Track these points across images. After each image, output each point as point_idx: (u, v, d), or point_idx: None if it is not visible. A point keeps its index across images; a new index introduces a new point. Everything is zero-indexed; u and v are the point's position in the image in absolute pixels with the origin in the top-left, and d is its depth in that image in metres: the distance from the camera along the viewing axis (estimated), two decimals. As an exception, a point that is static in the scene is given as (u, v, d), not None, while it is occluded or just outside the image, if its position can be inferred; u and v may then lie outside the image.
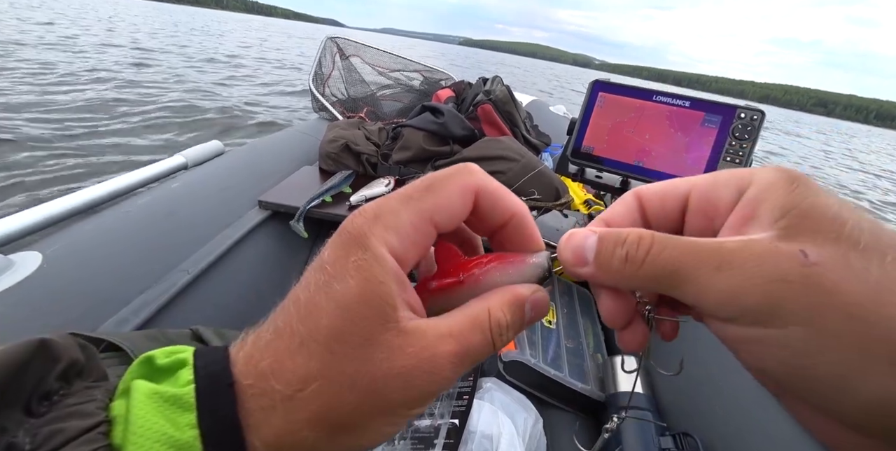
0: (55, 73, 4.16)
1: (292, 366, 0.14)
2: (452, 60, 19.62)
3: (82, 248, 0.57)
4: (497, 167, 0.93)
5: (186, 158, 0.97)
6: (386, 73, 1.92)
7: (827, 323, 0.11)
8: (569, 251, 0.16)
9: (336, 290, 0.14)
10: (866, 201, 5.18)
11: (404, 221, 0.15)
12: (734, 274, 0.12)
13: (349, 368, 0.14)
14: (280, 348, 0.14)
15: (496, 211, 0.17)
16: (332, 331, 0.14)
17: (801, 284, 0.11)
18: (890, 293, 0.11)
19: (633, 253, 0.14)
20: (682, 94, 0.74)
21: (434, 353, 0.14)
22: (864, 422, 0.11)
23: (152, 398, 0.13)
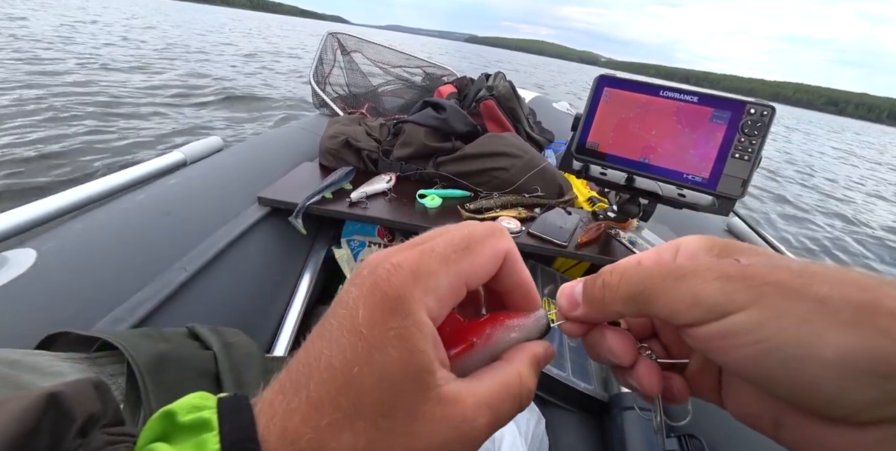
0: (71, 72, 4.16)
1: (336, 445, 0.13)
2: (465, 57, 19.42)
3: (78, 245, 0.56)
4: (500, 164, 0.92)
5: (185, 155, 0.96)
6: (387, 68, 1.90)
7: (769, 301, 0.13)
8: (564, 299, 0.19)
9: (377, 360, 0.14)
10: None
11: (443, 284, 0.15)
12: (691, 281, 0.15)
13: (396, 444, 0.14)
14: (321, 425, 0.13)
15: (512, 278, 0.18)
16: (378, 406, 0.14)
17: (741, 276, 0.14)
18: (810, 275, 0.13)
19: (609, 280, 0.17)
20: (689, 89, 0.72)
21: (472, 425, 0.15)
22: (838, 390, 0.12)
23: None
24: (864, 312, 0.12)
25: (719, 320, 0.14)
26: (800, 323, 0.12)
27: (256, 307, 0.73)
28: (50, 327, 0.37)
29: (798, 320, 0.13)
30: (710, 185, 0.70)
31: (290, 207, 0.79)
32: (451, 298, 0.16)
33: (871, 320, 0.12)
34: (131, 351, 0.35)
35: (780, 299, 0.13)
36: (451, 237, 0.16)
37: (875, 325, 0.12)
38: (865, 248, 3.35)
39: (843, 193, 5.41)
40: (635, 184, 0.78)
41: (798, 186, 5.29)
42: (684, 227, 0.99)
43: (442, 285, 0.15)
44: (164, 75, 4.84)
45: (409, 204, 0.85)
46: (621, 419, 0.64)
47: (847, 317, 0.12)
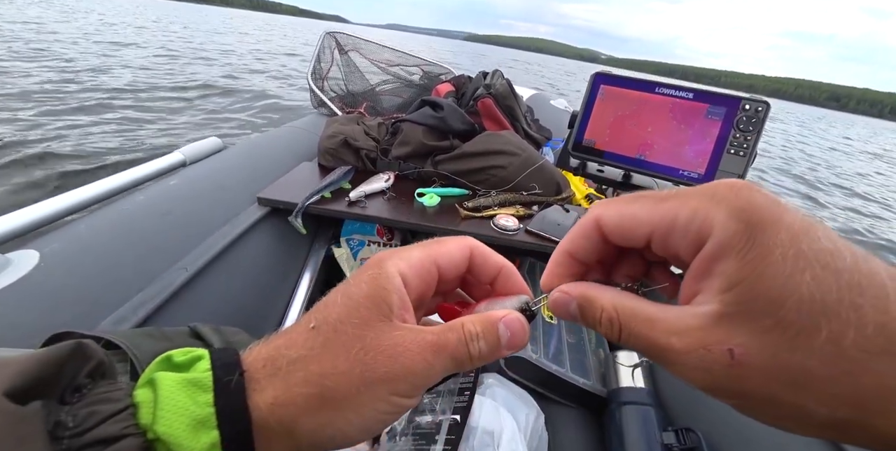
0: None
1: (302, 340, 0.17)
2: (469, 57, 19.12)
3: (80, 246, 0.57)
4: (498, 162, 0.92)
5: (185, 155, 0.96)
6: (385, 67, 1.90)
7: (751, 404, 0.14)
8: (562, 314, 0.19)
9: (350, 291, 0.18)
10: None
11: (415, 255, 0.19)
12: (683, 375, 0.15)
13: (346, 340, 0.17)
14: (293, 331, 0.18)
15: (487, 265, 0.21)
16: (339, 316, 0.17)
17: (727, 383, 0.14)
18: (806, 388, 0.12)
19: (609, 334, 0.17)
20: (685, 85, 0.73)
21: (416, 338, 0.17)
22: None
23: (178, 382, 0.16)
24: (843, 426, 0.13)
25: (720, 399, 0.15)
26: (776, 419, 0.14)
27: (257, 306, 0.73)
28: (53, 327, 0.38)
29: (775, 417, 0.14)
30: (706, 180, 0.70)
31: (289, 206, 0.79)
32: (422, 268, 0.19)
33: (844, 429, 0.13)
34: (134, 350, 0.35)
35: (761, 404, 0.14)
36: (426, 241, 0.21)
37: (847, 432, 0.13)
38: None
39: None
40: (632, 180, 0.78)
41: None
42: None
43: (413, 256, 0.19)
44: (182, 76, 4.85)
45: (407, 203, 0.86)
46: (620, 414, 0.65)
47: (825, 423, 0.13)
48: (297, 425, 0.16)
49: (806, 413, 0.13)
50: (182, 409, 0.15)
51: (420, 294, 0.20)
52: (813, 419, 0.13)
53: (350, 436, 0.17)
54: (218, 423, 0.15)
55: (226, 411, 0.15)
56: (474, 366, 0.19)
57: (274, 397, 0.16)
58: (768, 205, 0.13)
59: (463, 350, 0.18)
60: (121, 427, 0.15)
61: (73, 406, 0.15)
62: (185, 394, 0.16)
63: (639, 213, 0.16)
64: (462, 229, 0.78)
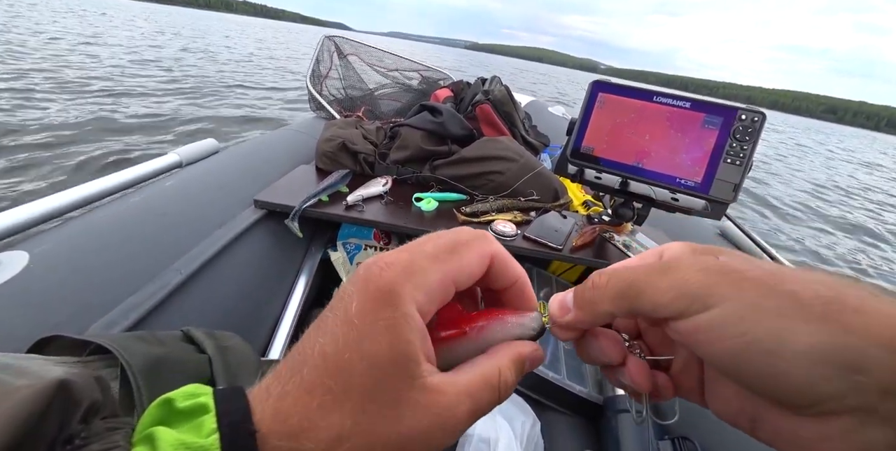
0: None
1: (326, 425, 0.14)
2: (473, 65, 19.03)
3: (71, 247, 0.56)
4: (495, 167, 0.93)
5: (181, 156, 0.96)
6: (384, 72, 1.91)
7: (747, 294, 0.14)
8: (555, 304, 0.19)
9: (366, 348, 0.15)
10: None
11: (432, 281, 0.16)
12: (675, 273, 0.16)
13: (381, 427, 0.14)
14: (311, 406, 0.14)
15: (505, 275, 0.19)
16: (365, 390, 0.14)
17: (721, 270, 0.15)
18: (782, 275, 0.14)
19: (597, 280, 0.18)
20: (682, 95, 0.73)
21: (454, 413, 0.15)
22: (809, 380, 0.13)
23: (180, 444, 0.13)
24: (832, 308, 0.13)
25: (702, 313, 0.15)
26: (775, 318, 0.13)
27: (252, 310, 0.72)
28: (42, 330, 0.37)
29: (773, 314, 0.13)
30: (703, 189, 0.71)
31: (286, 209, 0.79)
32: (440, 294, 0.17)
33: (838, 317, 0.13)
34: (125, 355, 0.34)
35: (757, 294, 0.14)
36: (440, 241, 0.17)
37: (842, 321, 0.13)
38: None
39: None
40: (629, 188, 0.78)
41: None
42: (678, 231, 1.00)
43: (431, 281, 0.16)
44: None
45: (405, 207, 0.86)
46: (616, 422, 0.65)
47: (818, 312, 0.13)
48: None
49: (795, 297, 0.14)
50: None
51: (433, 315, 0.18)
52: (806, 302, 0.13)
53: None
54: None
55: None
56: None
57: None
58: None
59: (496, 404, 0.17)
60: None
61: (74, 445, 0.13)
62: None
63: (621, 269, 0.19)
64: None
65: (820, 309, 0.13)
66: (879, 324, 0.13)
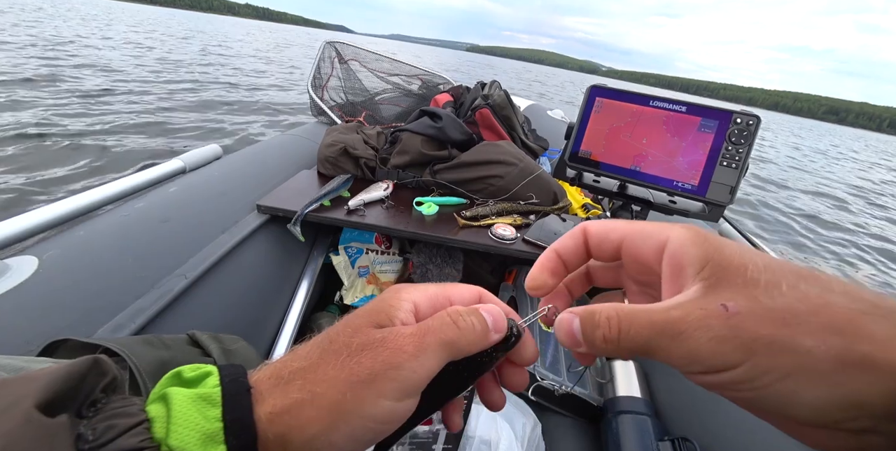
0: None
1: (304, 353, 0.19)
2: (477, 67, 18.95)
3: (79, 252, 0.57)
4: (495, 171, 0.94)
5: (185, 162, 0.97)
6: (384, 77, 1.92)
7: (759, 360, 0.15)
8: (563, 336, 0.19)
9: (361, 310, 0.20)
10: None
11: (430, 288, 0.22)
12: (686, 341, 0.16)
13: (337, 347, 0.18)
14: (301, 347, 0.19)
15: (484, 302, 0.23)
16: (337, 328, 0.19)
17: (732, 335, 0.15)
18: (794, 323, 0.14)
19: (608, 334, 0.18)
20: (678, 99, 0.74)
21: (397, 332, 0.18)
22: (818, 420, 0.15)
23: (189, 397, 0.17)
24: (840, 362, 0.14)
25: (719, 374, 0.15)
26: (784, 378, 0.14)
27: (255, 314, 0.73)
28: (52, 334, 0.38)
29: (783, 375, 0.14)
30: (700, 192, 0.71)
31: (288, 214, 0.80)
32: (434, 299, 0.21)
33: (844, 371, 0.14)
34: (133, 358, 0.35)
35: (768, 356, 0.15)
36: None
37: (847, 375, 0.14)
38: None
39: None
40: (627, 191, 0.79)
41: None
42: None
43: (429, 289, 0.22)
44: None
45: (406, 211, 0.87)
46: (616, 424, 0.65)
47: (826, 369, 0.14)
48: (291, 435, 0.17)
49: (807, 354, 0.14)
50: (193, 424, 0.16)
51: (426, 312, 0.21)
52: (815, 360, 0.14)
53: (339, 445, 0.17)
54: (225, 438, 0.16)
55: (233, 426, 0.16)
56: (470, 347, 0.19)
57: (272, 405, 0.17)
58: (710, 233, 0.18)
59: (452, 328, 0.19)
60: (138, 441, 0.15)
61: (90, 420, 0.15)
62: (196, 409, 0.16)
63: (617, 225, 0.21)
64: (460, 238, 0.78)
65: (829, 366, 0.14)
66: (885, 371, 0.13)
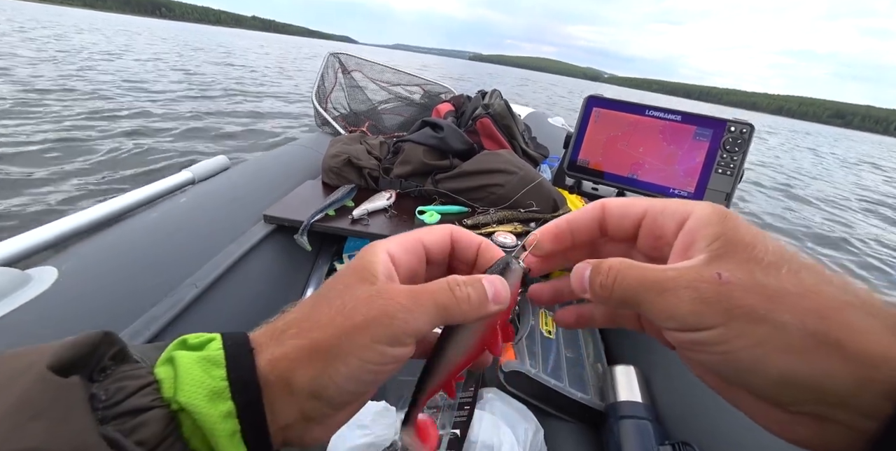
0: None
1: (298, 308, 0.20)
2: (481, 76, 18.69)
3: (96, 262, 0.59)
4: (496, 180, 0.95)
5: (193, 174, 1.00)
6: (387, 87, 1.96)
7: (735, 325, 0.15)
8: (575, 281, 0.20)
9: (345, 269, 0.21)
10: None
11: (402, 237, 0.22)
12: (669, 298, 0.17)
13: (330, 298, 0.19)
14: (290, 307, 0.20)
15: (465, 241, 0.23)
16: (327, 284, 0.20)
17: (716, 299, 0.16)
18: (780, 300, 0.15)
19: (604, 281, 0.19)
20: (673, 109, 0.76)
21: (392, 287, 0.19)
22: (775, 395, 0.16)
23: (194, 359, 0.18)
24: (813, 341, 0.15)
25: (693, 332, 0.16)
26: (755, 345, 0.15)
27: (263, 320, 0.75)
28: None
29: (755, 342, 0.15)
30: (696, 198, 0.73)
31: (294, 224, 0.82)
32: (410, 249, 0.22)
33: (815, 350, 0.15)
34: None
35: (745, 322, 0.15)
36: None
37: (817, 355, 0.15)
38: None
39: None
40: (625, 198, 0.81)
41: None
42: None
43: (402, 240, 0.22)
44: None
45: (408, 220, 0.89)
46: (618, 428, 0.66)
47: (796, 345, 0.15)
48: (293, 376, 0.18)
49: (782, 328, 0.15)
50: (199, 382, 0.17)
51: (411, 270, 0.22)
52: (789, 334, 0.15)
53: (341, 385, 0.18)
54: (231, 395, 0.17)
55: (238, 384, 0.17)
56: (465, 316, 0.19)
57: (272, 353, 0.18)
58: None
59: (448, 295, 0.19)
60: (149, 400, 0.16)
61: (101, 383, 0.16)
62: (201, 369, 0.17)
63: (638, 201, 0.21)
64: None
65: (800, 342, 0.15)
66: (855, 359, 0.14)
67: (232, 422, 0.17)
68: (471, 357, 0.22)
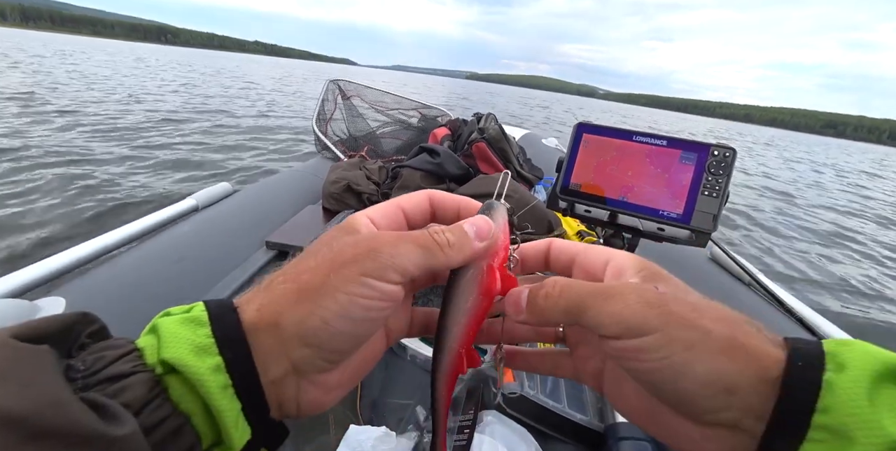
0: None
1: (285, 267, 0.20)
2: (480, 94, 19.16)
3: (101, 291, 0.61)
4: (491, 203, 0.98)
5: (197, 200, 1.02)
6: (384, 111, 2.01)
7: (671, 330, 0.17)
8: (511, 306, 0.21)
9: (329, 231, 0.21)
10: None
11: (380, 204, 0.23)
12: (616, 302, 0.18)
13: (317, 248, 0.20)
14: (279, 277, 0.20)
15: (447, 202, 0.24)
16: (315, 244, 0.20)
17: (658, 303, 0.18)
18: (701, 310, 0.18)
19: (550, 291, 0.20)
20: (659, 134, 0.80)
21: (377, 232, 0.21)
22: (701, 395, 0.17)
23: (178, 320, 0.17)
24: (726, 344, 0.17)
25: (633, 339, 0.17)
26: (686, 349, 0.17)
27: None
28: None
29: (686, 345, 0.17)
30: (685, 220, 0.75)
31: (295, 250, 0.84)
32: (388, 213, 0.22)
33: (730, 352, 0.17)
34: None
35: (678, 328, 0.17)
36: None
37: (730, 355, 0.17)
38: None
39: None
40: (618, 220, 0.83)
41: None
42: (669, 257, 1.03)
43: (379, 205, 0.23)
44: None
45: (407, 243, 0.91)
46: (617, 449, 0.66)
47: (718, 347, 0.17)
48: (282, 319, 0.17)
49: (707, 333, 0.17)
50: (184, 339, 0.16)
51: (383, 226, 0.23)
52: (712, 338, 0.17)
53: (331, 323, 0.18)
54: (219, 350, 0.16)
55: (224, 340, 0.17)
56: (449, 260, 0.20)
57: (259, 303, 0.18)
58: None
59: (428, 238, 0.20)
60: (130, 366, 0.15)
61: (80, 356, 0.16)
62: (186, 328, 0.17)
63: (577, 245, 0.24)
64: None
65: (720, 345, 0.17)
66: (755, 357, 0.17)
67: (222, 376, 0.16)
68: (479, 309, 0.21)
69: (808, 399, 0.16)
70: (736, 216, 4.18)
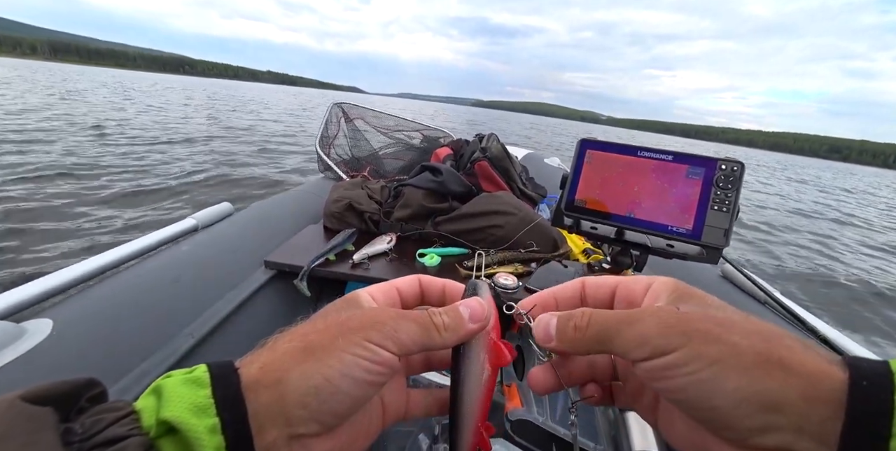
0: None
1: (288, 331, 0.21)
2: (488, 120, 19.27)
3: (92, 313, 0.58)
4: (495, 221, 0.96)
5: (197, 221, 1.01)
6: (387, 133, 2.04)
7: (695, 345, 0.17)
8: (541, 332, 0.22)
9: (333, 303, 0.23)
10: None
11: (378, 284, 0.25)
12: (641, 325, 0.19)
13: (325, 314, 0.22)
14: (283, 344, 0.20)
15: (434, 286, 0.26)
16: (320, 313, 0.22)
17: (677, 323, 0.18)
18: (730, 325, 0.18)
19: (579, 322, 0.21)
20: (664, 149, 0.79)
21: (382, 308, 0.23)
22: (738, 414, 0.16)
23: (180, 380, 0.18)
24: (762, 358, 0.16)
25: (659, 358, 0.18)
26: (712, 363, 0.17)
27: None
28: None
29: (712, 360, 0.17)
30: (695, 235, 0.73)
31: (295, 269, 0.82)
32: (387, 291, 0.25)
33: (765, 367, 0.16)
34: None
35: (702, 343, 0.17)
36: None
37: (767, 370, 0.16)
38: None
39: None
40: (625, 237, 0.81)
41: None
42: (678, 275, 1.00)
43: (378, 285, 0.25)
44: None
45: (409, 263, 0.88)
46: (635, 483, 0.62)
47: (749, 361, 0.16)
48: (285, 374, 0.18)
49: (734, 347, 0.17)
50: (184, 398, 0.17)
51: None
52: (740, 352, 0.16)
53: (333, 381, 0.18)
54: (217, 411, 0.17)
55: (224, 401, 0.17)
56: (445, 341, 0.21)
57: (263, 362, 0.19)
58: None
59: (427, 319, 0.21)
60: (126, 429, 0.16)
61: (79, 418, 0.16)
62: (187, 389, 0.17)
63: (611, 277, 0.25)
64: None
65: (751, 359, 0.16)
66: (798, 375, 0.16)
67: (217, 438, 0.17)
68: (491, 383, 0.23)
69: (881, 423, 0.14)
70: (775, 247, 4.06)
